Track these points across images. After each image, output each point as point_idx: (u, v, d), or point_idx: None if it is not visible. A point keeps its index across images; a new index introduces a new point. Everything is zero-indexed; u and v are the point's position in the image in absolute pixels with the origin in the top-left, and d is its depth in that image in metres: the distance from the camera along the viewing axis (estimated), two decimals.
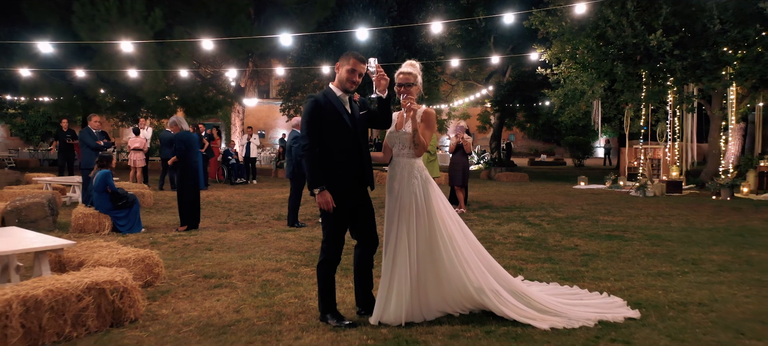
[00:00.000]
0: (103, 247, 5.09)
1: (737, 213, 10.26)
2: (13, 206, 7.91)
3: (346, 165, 3.74)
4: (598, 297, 4.33)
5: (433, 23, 14.93)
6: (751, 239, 7.36)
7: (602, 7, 13.42)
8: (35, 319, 3.50)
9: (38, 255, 4.38)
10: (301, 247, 6.84)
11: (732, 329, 3.68)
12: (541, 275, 5.24)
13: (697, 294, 4.55)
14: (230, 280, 5.13)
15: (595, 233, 7.92)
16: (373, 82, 3.80)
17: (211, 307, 4.26)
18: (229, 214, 10.30)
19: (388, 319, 3.70)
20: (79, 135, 10.40)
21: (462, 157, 10.43)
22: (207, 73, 22.36)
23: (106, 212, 8.15)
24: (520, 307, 3.80)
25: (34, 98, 21.22)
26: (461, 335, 3.53)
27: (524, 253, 6.41)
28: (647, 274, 5.32)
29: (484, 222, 9.00)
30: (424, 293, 3.72)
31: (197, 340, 3.55)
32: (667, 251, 6.48)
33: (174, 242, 7.30)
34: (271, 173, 21.28)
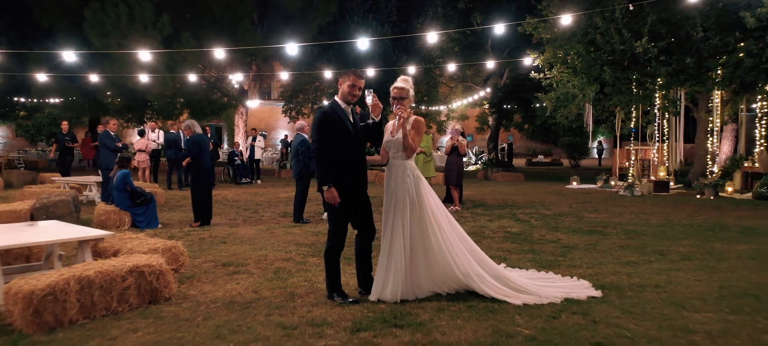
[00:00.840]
0: (133, 238, 5.74)
1: (715, 211, 10.90)
2: (41, 203, 8.57)
3: (348, 166, 4.40)
4: (568, 280, 4.99)
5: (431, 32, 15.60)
6: (719, 233, 8.01)
7: (592, 14, 14.08)
8: (88, 295, 4.15)
9: (81, 244, 5.03)
10: (307, 240, 7.49)
11: (677, 305, 4.33)
12: (523, 263, 5.89)
13: (655, 279, 5.21)
14: (246, 267, 5.79)
15: (578, 228, 8.57)
16: (369, 108, 4.47)
17: (232, 289, 4.92)
18: (238, 211, 10.95)
19: (386, 297, 4.35)
20: (99, 137, 11.05)
21: (457, 159, 11.08)
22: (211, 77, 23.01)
23: (125, 209, 8.81)
24: (500, 287, 4.46)
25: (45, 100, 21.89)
26: (447, 309, 4.19)
27: (510, 246, 7.06)
28: (616, 262, 5.98)
29: (476, 219, 9.66)
30: (416, 275, 4.38)
31: (225, 313, 4.21)
32: (639, 244, 7.13)
33: (190, 236, 7.95)
34: (274, 173, 21.90)
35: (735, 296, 4.59)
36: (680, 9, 12.80)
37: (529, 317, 4.03)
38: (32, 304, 3.89)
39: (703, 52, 12.99)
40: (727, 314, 4.10)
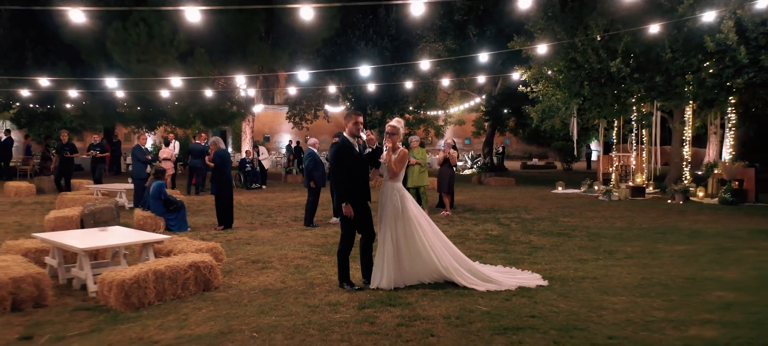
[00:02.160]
0: (181, 241, 7.14)
1: (678, 215, 12.30)
2: (89, 210, 9.95)
3: (357, 185, 5.82)
4: (525, 273, 6.39)
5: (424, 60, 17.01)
6: (668, 235, 9.42)
7: (573, 35, 15.50)
8: (161, 283, 5.57)
9: (146, 245, 6.44)
10: (319, 242, 8.90)
11: (602, 291, 5.74)
12: (495, 260, 7.30)
13: (595, 272, 6.61)
14: (272, 264, 7.20)
15: (550, 231, 9.98)
16: (366, 141, 5.90)
17: (265, 280, 6.34)
18: (254, 216, 12.37)
19: (382, 285, 5.76)
20: (132, 150, 12.44)
21: (448, 169, 12.49)
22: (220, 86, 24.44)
23: (160, 215, 10.23)
24: (470, 277, 5.86)
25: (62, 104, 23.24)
26: (428, 293, 5.60)
27: (488, 246, 8.47)
28: (571, 260, 7.39)
29: (463, 223, 11.06)
30: (404, 269, 5.78)
31: (263, 297, 5.62)
32: (596, 245, 8.54)
33: (217, 238, 9.35)
34: (281, 177, 23.26)
35: (650, 285, 6.00)
36: (649, 37, 14.19)
37: (489, 299, 5.44)
38: (123, 289, 5.31)
39: (671, 71, 14.40)
40: (636, 297, 5.51)
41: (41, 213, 12.54)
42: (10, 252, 6.62)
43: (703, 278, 6.30)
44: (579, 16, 16.64)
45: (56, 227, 9.61)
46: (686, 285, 5.97)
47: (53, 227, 9.59)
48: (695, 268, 6.83)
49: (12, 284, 5.33)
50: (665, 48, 14.26)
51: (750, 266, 6.85)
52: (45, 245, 6.73)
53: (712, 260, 7.32)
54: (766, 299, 5.41)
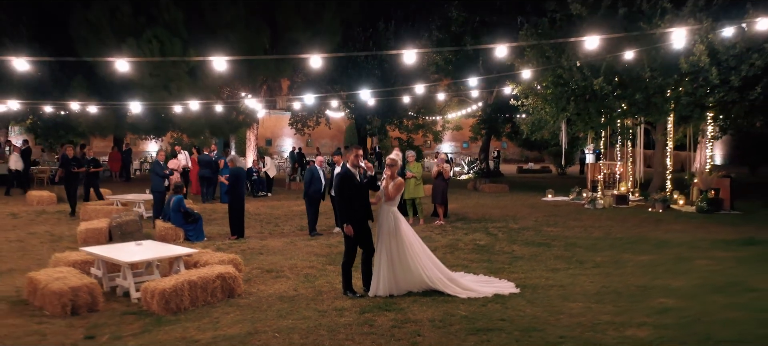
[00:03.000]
0: (205, 253, 8.21)
1: (652, 224, 13.36)
2: (116, 222, 11.05)
3: (357, 209, 6.89)
4: (501, 282, 7.47)
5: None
6: (636, 245, 10.48)
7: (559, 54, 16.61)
8: (194, 292, 6.65)
9: (178, 259, 7.52)
10: (324, 252, 9.97)
11: (564, 298, 6.81)
12: (478, 270, 8.37)
13: (563, 281, 7.69)
14: (284, 273, 8.28)
15: (532, 241, 11.05)
16: (365, 169, 6.98)
17: (279, 288, 7.42)
18: (263, 225, 13.46)
19: (379, 293, 6.84)
20: (151, 165, 13.52)
21: (442, 182, 13.56)
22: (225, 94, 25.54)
23: (179, 226, 11.31)
24: (453, 286, 6.94)
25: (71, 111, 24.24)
26: (418, 300, 6.68)
27: (474, 256, 9.55)
28: (545, 269, 8.46)
29: (455, 232, 12.13)
30: (398, 279, 6.85)
31: (279, 303, 6.70)
32: (570, 255, 9.61)
33: (232, 248, 10.43)
34: (285, 184, 24.32)
35: (606, 292, 7.08)
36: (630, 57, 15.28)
37: (468, 305, 6.52)
38: (164, 297, 6.39)
39: (650, 89, 15.49)
40: (592, 303, 6.58)
41: (66, 222, 13.65)
42: (60, 264, 7.69)
43: (653, 286, 7.37)
44: (566, 34, 17.71)
45: (88, 238, 10.70)
46: (636, 293, 7.05)
47: (85, 239, 10.68)
48: (649, 277, 7.90)
49: (71, 292, 6.41)
50: (645, 67, 15.33)
51: (697, 276, 7.92)
52: (89, 257, 7.80)
53: (667, 269, 8.39)
54: (699, 305, 6.48)
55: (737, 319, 5.93)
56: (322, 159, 12.40)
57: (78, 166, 15.08)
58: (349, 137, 43.82)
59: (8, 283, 7.71)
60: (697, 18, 14.55)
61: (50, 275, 6.79)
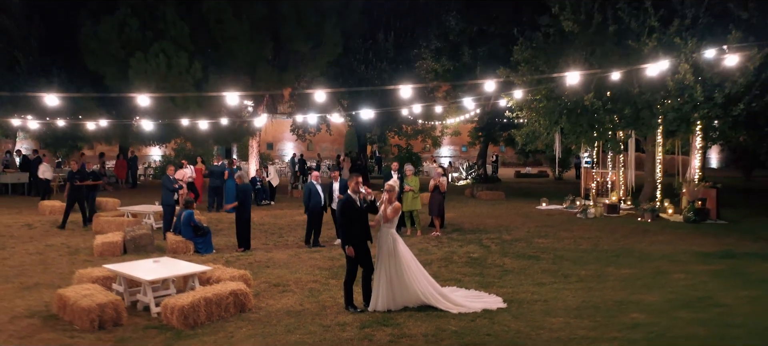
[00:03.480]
0: (217, 269, 8.87)
1: (640, 235, 14.00)
2: (130, 236, 11.72)
3: (358, 232, 7.56)
4: (489, 296, 8.13)
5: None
6: (621, 259, 11.13)
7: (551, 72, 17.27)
8: (210, 307, 7.31)
9: (193, 275, 8.18)
10: (326, 265, 10.63)
11: (546, 313, 7.47)
12: (470, 284, 9.03)
13: (547, 296, 8.35)
14: (289, 287, 8.94)
15: (523, 254, 11.70)
16: (366, 194, 7.65)
17: (286, 303, 8.08)
18: (267, 236, 14.12)
19: (378, 308, 7.50)
20: (162, 180, 14.16)
21: (438, 195, 14.22)
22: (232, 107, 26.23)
23: (189, 239, 11.96)
24: (444, 302, 7.60)
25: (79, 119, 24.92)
26: (414, 315, 7.34)
27: (467, 269, 10.20)
28: (532, 284, 9.12)
29: (450, 244, 12.78)
30: (395, 296, 7.51)
31: (287, 318, 7.36)
32: (557, 268, 10.26)
33: (240, 261, 11.09)
34: (287, 191, 24.97)
35: (585, 307, 7.74)
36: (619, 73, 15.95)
37: (459, 320, 7.18)
38: (183, 312, 7.05)
39: (638, 104, 16.15)
40: (571, 318, 7.24)
41: (80, 233, 14.31)
42: (83, 280, 8.34)
43: (629, 301, 8.04)
44: (560, 49, 18.39)
45: (104, 251, 11.38)
46: (613, 308, 7.71)
47: (101, 252, 11.36)
48: (628, 292, 8.56)
49: (98, 308, 7.07)
50: (633, 84, 15.99)
51: (671, 291, 8.58)
52: (110, 273, 8.45)
53: (645, 284, 9.05)
54: (667, 320, 7.14)
55: (699, 334, 6.59)
56: (318, 174, 13.01)
57: (81, 179, 15.40)
58: (349, 142, 44.49)
59: (37, 298, 8.36)
60: (682, 37, 15.23)
61: (78, 292, 7.45)
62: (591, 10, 17.09)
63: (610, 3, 16.83)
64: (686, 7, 15.61)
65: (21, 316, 7.52)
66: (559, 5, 17.66)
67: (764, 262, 10.70)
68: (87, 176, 15.78)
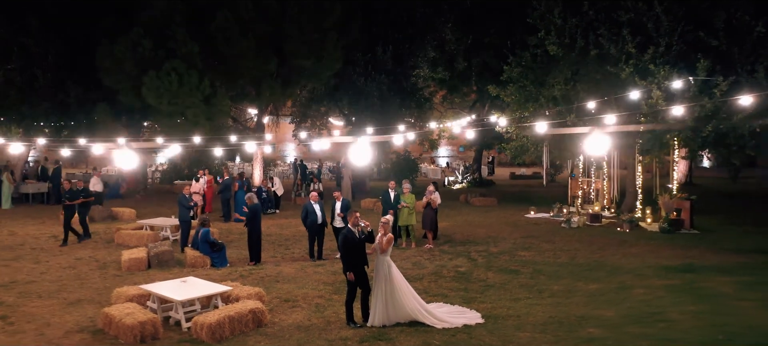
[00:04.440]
0: (236, 287, 10.21)
1: (615, 247, 15.31)
2: (154, 252, 13.07)
3: (357, 261, 8.92)
4: (470, 312, 9.49)
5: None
6: (592, 273, 12.47)
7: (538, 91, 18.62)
8: (232, 324, 8.66)
9: (216, 295, 9.53)
10: (330, 279, 11.97)
11: (517, 328, 8.82)
12: (455, 299, 10.37)
13: (520, 311, 9.70)
14: (298, 303, 10.29)
15: (505, 268, 13.04)
16: (364, 227, 9.00)
17: (297, 318, 9.44)
18: (275, 248, 15.47)
19: (374, 324, 8.86)
20: (178, 198, 15.50)
21: (430, 211, 15.56)
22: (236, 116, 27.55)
23: (206, 255, 13.33)
24: (431, 319, 8.96)
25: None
26: (405, 329, 8.70)
27: (453, 285, 11.55)
28: (509, 299, 10.47)
29: (441, 258, 14.12)
30: (389, 314, 8.87)
31: (298, 333, 8.72)
32: (534, 283, 11.61)
33: (253, 275, 12.44)
34: (290, 199, 26.32)
35: (551, 322, 9.09)
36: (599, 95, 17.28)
37: (442, 335, 8.54)
38: (211, 328, 8.41)
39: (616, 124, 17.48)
40: (536, 333, 8.60)
41: (105, 247, 15.64)
42: (121, 298, 9.69)
43: (590, 316, 9.39)
44: (547, 69, 19.71)
45: (131, 266, 12.75)
46: (574, 323, 9.07)
47: (129, 266, 12.73)
48: (591, 307, 9.92)
49: (140, 326, 8.43)
50: (612, 106, 17.32)
51: (628, 306, 9.93)
52: (145, 292, 9.79)
53: (608, 299, 10.41)
54: (617, 335, 8.50)
55: None
56: (317, 195, 14.30)
57: (71, 199, 15.90)
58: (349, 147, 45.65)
59: (81, 313, 9.72)
60: (656, 64, 16.55)
61: (121, 310, 8.80)
62: (574, 34, 18.39)
63: (593, 29, 18.14)
64: (661, 35, 16.92)
65: (72, 331, 8.88)
66: (545, 29, 18.95)
67: (718, 276, 12.05)
68: (77, 195, 16.10)
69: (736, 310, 9.63)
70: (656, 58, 16.64)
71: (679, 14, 17.09)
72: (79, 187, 16.72)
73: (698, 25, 16.99)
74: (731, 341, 8.15)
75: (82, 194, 16.52)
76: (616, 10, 17.72)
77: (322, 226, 14.00)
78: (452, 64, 30.02)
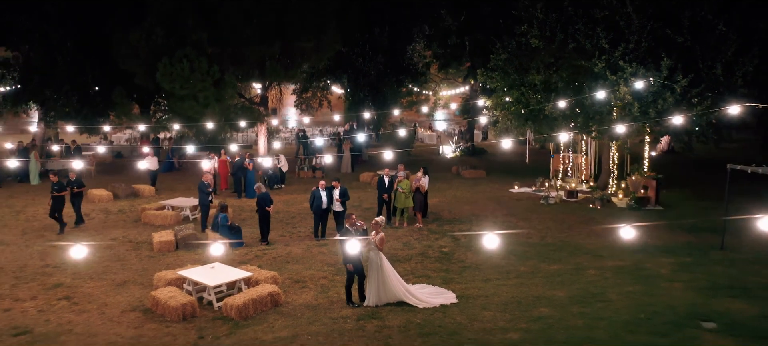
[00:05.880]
0: (255, 270, 12.34)
1: (584, 225, 17.44)
2: (180, 235, 15.18)
3: (355, 254, 11.03)
4: (447, 293, 11.64)
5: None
6: (556, 254, 14.58)
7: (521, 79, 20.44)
8: (256, 304, 10.82)
9: (240, 280, 11.66)
10: (332, 260, 14.09)
11: (483, 307, 10.96)
12: (437, 280, 12.51)
13: (488, 292, 11.84)
14: (306, 284, 12.45)
15: (483, 249, 15.13)
16: (359, 227, 11.07)
17: (307, 298, 11.60)
18: (283, 227, 17.58)
19: (369, 304, 11.03)
20: (199, 185, 17.50)
21: (419, 195, 17.61)
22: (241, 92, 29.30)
23: (225, 236, 15.43)
24: (413, 299, 11.12)
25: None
26: (393, 309, 10.86)
27: (437, 265, 13.69)
28: (480, 280, 12.61)
29: (428, 238, 16.21)
30: (380, 296, 11.01)
31: (308, 312, 10.88)
32: (505, 264, 13.73)
33: (267, 255, 14.56)
34: (294, 173, 28.34)
35: (512, 302, 11.24)
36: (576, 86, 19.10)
37: (423, 313, 10.71)
38: (239, 309, 10.58)
39: (589, 113, 19.38)
40: (498, 312, 10.75)
41: (134, 226, 17.74)
42: (161, 281, 11.84)
43: (544, 296, 11.54)
44: (530, 58, 21.44)
45: (161, 248, 14.88)
46: (530, 303, 11.23)
47: (160, 248, 14.86)
48: (546, 287, 12.07)
49: (182, 307, 10.59)
50: (586, 97, 19.16)
51: (577, 287, 12.08)
52: (181, 277, 11.92)
53: (562, 280, 12.55)
54: (560, 313, 10.65)
55: (576, 325, 10.12)
56: (324, 183, 16.30)
57: (58, 191, 16.60)
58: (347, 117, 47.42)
59: (131, 294, 11.88)
60: (626, 60, 18.32)
61: (165, 293, 10.96)
62: (554, 29, 20.05)
63: (571, 23, 19.80)
64: (631, 33, 18.62)
65: (127, 310, 11.06)
66: (528, 23, 20.60)
67: (662, 256, 14.17)
68: (64, 188, 16.84)
69: (664, 291, 11.78)
70: (626, 55, 18.38)
71: (649, 12, 18.74)
72: (71, 178, 17.41)
73: (666, 22, 18.66)
74: (650, 319, 10.32)
75: (75, 184, 17.33)
76: (592, 7, 19.34)
77: (327, 210, 16.09)
78: (446, 42, 31.58)
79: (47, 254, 14.64)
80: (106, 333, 10.08)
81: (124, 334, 10.09)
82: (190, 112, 24.04)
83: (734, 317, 10.41)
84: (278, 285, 11.91)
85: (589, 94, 18.86)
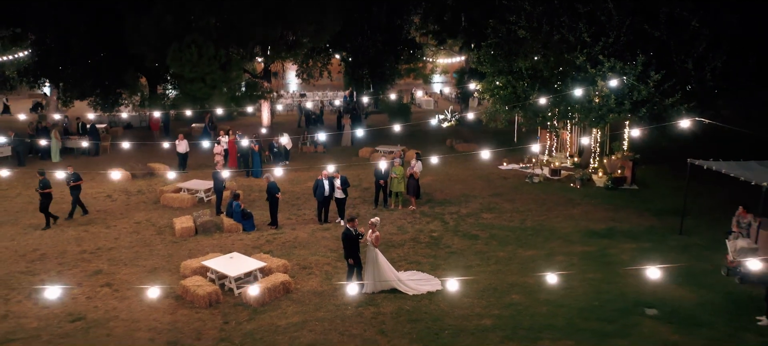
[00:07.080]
0: (268, 259, 14.22)
1: (562, 206, 19.24)
2: (199, 222, 17.01)
3: (354, 251, 12.87)
4: (434, 280, 13.55)
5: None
6: (534, 238, 16.42)
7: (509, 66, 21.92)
8: (270, 292, 12.74)
9: (256, 269, 13.55)
10: (335, 245, 15.91)
11: (463, 295, 12.86)
12: (425, 266, 14.40)
13: (470, 278, 13.75)
14: (312, 270, 14.34)
15: (468, 232, 17.00)
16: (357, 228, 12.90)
17: (314, 284, 13.52)
18: (290, 209, 19.39)
19: (367, 291, 12.94)
20: (213, 174, 19.23)
21: (413, 180, 19.36)
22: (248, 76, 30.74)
23: (239, 222, 17.29)
24: (404, 287, 13.03)
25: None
26: (387, 296, 12.77)
27: (427, 251, 15.55)
28: (463, 266, 14.50)
29: (420, 221, 18.04)
30: (375, 285, 12.90)
31: (315, 299, 12.81)
32: (486, 249, 15.60)
33: (276, 241, 16.41)
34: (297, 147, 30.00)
35: (488, 289, 13.14)
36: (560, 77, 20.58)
37: (412, 300, 12.64)
38: (255, 296, 12.50)
39: (571, 102, 20.95)
40: (474, 299, 12.67)
41: (155, 209, 19.54)
42: (187, 270, 13.73)
43: (517, 283, 13.43)
44: (518, 46, 22.82)
45: (182, 233, 16.75)
46: (505, 289, 13.13)
47: (181, 234, 16.72)
48: (520, 275, 13.96)
49: (208, 295, 12.51)
50: (568, 85, 20.71)
51: (547, 272, 13.96)
52: (205, 267, 13.80)
53: (533, 267, 14.40)
54: (529, 301, 12.55)
55: (540, 312, 12.05)
56: (327, 173, 18.04)
57: (43, 188, 17.18)
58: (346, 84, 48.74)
59: (162, 281, 13.78)
60: (605, 55, 19.78)
61: (193, 282, 12.87)
62: (541, 20, 21.39)
63: (557, 16, 21.13)
64: (611, 28, 20.00)
65: (161, 297, 12.96)
66: (515, 15, 21.91)
67: (626, 242, 16.04)
68: (48, 185, 17.23)
69: (620, 278, 13.67)
70: (606, 49, 19.82)
71: (629, 7, 20.06)
72: (69, 172, 18.14)
73: (644, 17, 20.00)
74: (602, 307, 12.25)
75: (73, 177, 18.17)
76: (576, 1, 20.63)
77: (329, 198, 17.90)
78: (442, 17, 32.73)
79: (82, 239, 16.51)
80: (146, 319, 12.02)
81: (162, 319, 12.02)
82: (199, 94, 25.55)
83: (674, 305, 12.33)
84: (288, 272, 13.80)
85: (572, 84, 20.38)
